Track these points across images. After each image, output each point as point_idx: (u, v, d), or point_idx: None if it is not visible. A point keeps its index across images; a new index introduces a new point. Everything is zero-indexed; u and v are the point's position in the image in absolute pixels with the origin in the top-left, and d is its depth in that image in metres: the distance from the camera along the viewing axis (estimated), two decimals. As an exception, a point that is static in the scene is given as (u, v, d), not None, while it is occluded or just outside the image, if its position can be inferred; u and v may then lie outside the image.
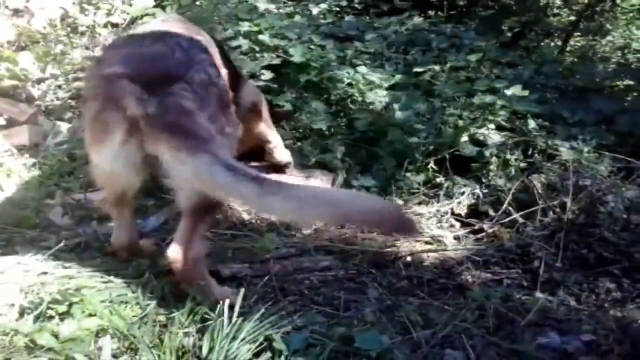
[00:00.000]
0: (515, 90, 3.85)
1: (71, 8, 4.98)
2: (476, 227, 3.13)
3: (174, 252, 2.19)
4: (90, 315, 2.12)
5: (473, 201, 3.30)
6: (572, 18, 7.50)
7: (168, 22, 2.95)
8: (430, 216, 3.24)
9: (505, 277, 2.66)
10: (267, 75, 4.22)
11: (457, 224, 3.22)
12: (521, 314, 2.24)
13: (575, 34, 7.40)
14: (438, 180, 3.53)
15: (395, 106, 3.91)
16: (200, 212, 2.19)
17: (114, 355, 1.82)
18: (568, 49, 6.98)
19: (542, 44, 6.98)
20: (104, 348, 1.80)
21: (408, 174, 3.54)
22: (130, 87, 2.08)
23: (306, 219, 2.14)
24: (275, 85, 4.20)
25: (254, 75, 4.11)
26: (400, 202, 3.41)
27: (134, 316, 2.14)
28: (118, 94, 2.10)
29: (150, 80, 2.12)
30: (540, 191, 3.16)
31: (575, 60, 6.54)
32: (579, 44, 7.49)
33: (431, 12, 6.80)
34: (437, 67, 4.34)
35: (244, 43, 4.55)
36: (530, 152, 3.58)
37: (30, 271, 2.39)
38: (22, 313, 2.14)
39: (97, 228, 2.88)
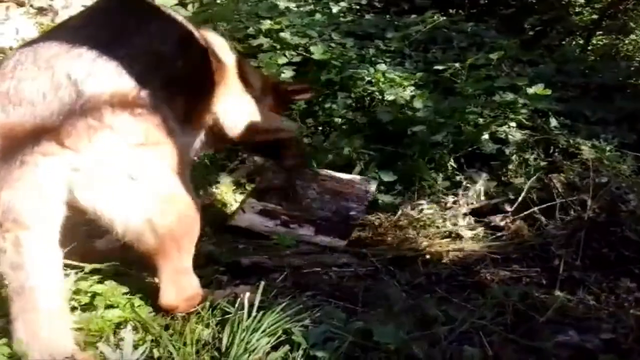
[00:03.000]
0: (536, 88, 3.82)
1: (94, 6, 5.03)
2: (494, 224, 3.12)
3: (166, 300, 2.13)
4: (112, 306, 2.16)
5: (492, 199, 3.29)
6: (595, 16, 7.41)
7: None
8: (449, 215, 3.23)
9: (524, 275, 2.64)
10: (288, 73, 4.25)
11: (476, 223, 3.21)
12: (540, 312, 2.23)
13: (598, 32, 7.32)
14: (457, 178, 3.52)
15: (416, 104, 3.90)
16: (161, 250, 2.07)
17: (134, 346, 1.84)
18: (590, 47, 6.91)
19: (564, 42, 6.92)
20: (126, 338, 1.83)
21: (431, 172, 3.52)
22: None
23: None
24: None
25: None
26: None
27: (154, 308, 2.18)
28: None
29: None
30: (560, 190, 3.14)
31: (598, 58, 6.47)
32: (601, 43, 7.41)
33: (452, 11, 6.77)
34: (457, 65, 4.32)
35: (265, 41, 4.59)
36: (551, 151, 3.56)
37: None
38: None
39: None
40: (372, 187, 3.28)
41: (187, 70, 2.37)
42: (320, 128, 4.12)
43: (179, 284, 2.13)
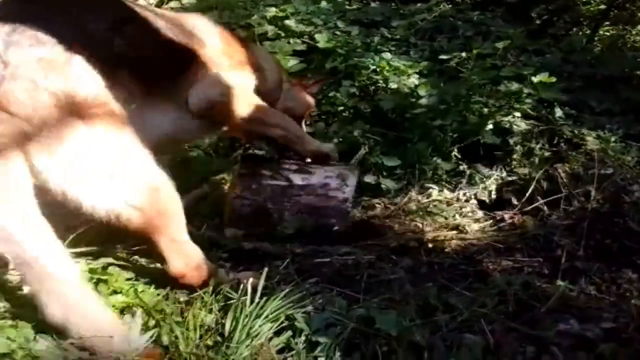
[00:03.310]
0: (542, 78, 3.81)
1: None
2: (498, 218, 3.11)
3: (175, 268, 2.17)
4: (116, 292, 2.18)
5: (497, 186, 3.29)
6: (602, 7, 7.36)
7: None
8: (453, 203, 3.23)
9: (526, 265, 2.64)
10: (293, 61, 4.24)
11: (480, 212, 3.21)
12: (541, 301, 2.23)
13: (605, 23, 7.26)
14: (461, 168, 3.52)
15: (421, 92, 3.90)
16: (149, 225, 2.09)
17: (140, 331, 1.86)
18: (597, 38, 6.86)
19: (570, 32, 6.88)
20: (133, 323, 1.85)
21: (435, 159, 3.51)
22: None
23: None
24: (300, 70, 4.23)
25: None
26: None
27: (157, 294, 2.20)
28: None
29: None
30: (564, 180, 3.14)
31: (604, 49, 6.43)
32: (608, 34, 7.36)
33: (458, -1, 6.75)
34: (463, 54, 4.30)
35: (270, 29, 4.58)
36: (555, 141, 3.55)
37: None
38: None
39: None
40: (351, 185, 2.92)
41: (130, 49, 2.35)
42: (323, 117, 4.12)
43: (183, 252, 2.16)
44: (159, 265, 2.33)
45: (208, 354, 1.78)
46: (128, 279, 2.26)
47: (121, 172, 1.99)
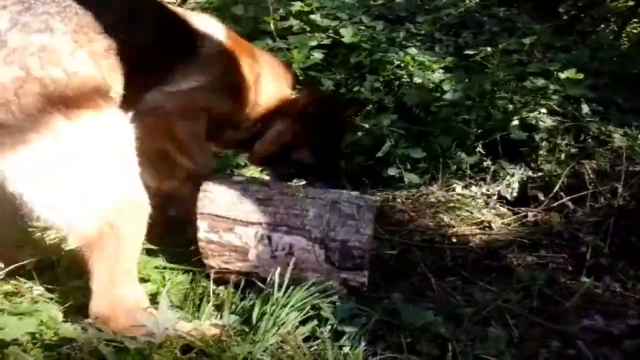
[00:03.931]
0: (569, 74, 3.77)
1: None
2: (523, 214, 3.10)
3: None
4: (144, 280, 2.22)
5: (523, 182, 3.28)
6: (631, 3, 7.25)
7: None
8: (477, 198, 3.22)
9: (551, 260, 2.64)
10: (318, 55, 4.25)
11: (505, 208, 3.20)
12: (566, 296, 2.24)
13: (633, 19, 7.16)
14: (485, 164, 3.51)
15: (445, 87, 3.89)
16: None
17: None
18: (624, 34, 6.77)
19: (598, 29, 6.79)
20: (162, 303, 1.88)
21: (459, 154, 3.50)
22: None
23: None
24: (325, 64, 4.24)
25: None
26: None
27: (181, 281, 2.24)
28: None
29: None
30: (591, 177, 3.12)
31: (632, 46, 6.34)
32: (635, 31, 7.26)
33: (484, -6, 6.68)
34: (489, 50, 4.27)
35: (295, 23, 4.59)
36: (582, 138, 3.52)
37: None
38: (80, 277, 2.24)
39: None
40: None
41: (149, 43, 2.20)
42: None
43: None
44: (185, 255, 2.37)
45: (236, 340, 1.80)
46: (156, 267, 2.30)
47: (86, 183, 1.84)
